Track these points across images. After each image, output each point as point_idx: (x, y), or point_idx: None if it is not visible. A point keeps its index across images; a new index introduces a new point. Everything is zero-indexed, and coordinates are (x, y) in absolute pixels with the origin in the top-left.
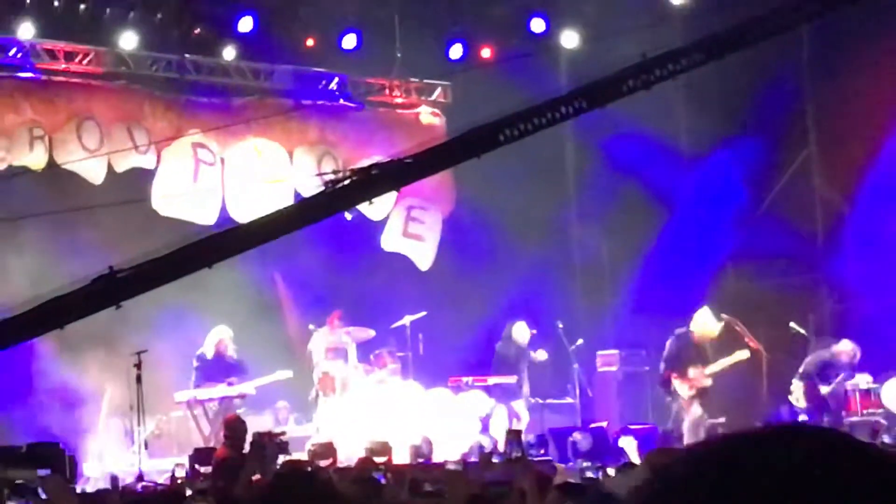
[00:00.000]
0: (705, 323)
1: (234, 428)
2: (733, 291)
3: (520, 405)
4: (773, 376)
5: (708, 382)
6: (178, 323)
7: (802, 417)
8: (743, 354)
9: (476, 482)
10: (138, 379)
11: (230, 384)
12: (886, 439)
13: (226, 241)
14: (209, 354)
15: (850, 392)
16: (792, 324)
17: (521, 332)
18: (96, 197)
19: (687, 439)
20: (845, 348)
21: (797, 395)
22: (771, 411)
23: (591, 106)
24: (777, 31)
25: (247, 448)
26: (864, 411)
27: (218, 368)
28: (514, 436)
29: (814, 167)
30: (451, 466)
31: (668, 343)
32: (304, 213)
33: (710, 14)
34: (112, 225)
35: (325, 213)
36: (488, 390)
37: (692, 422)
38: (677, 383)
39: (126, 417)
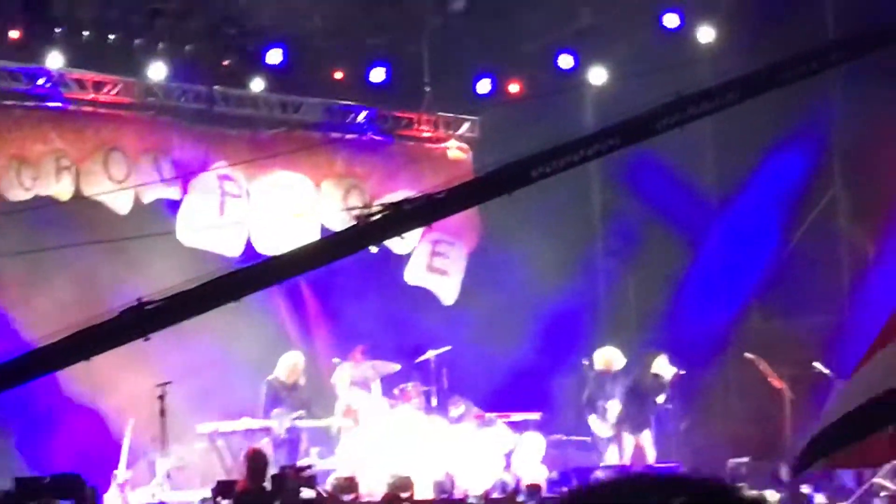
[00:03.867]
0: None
1: (256, 461)
2: (758, 330)
3: (646, 438)
4: (796, 416)
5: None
6: (203, 354)
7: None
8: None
9: None
10: (162, 411)
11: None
12: None
13: (255, 274)
14: (283, 381)
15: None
16: (816, 364)
17: (663, 366)
18: (122, 228)
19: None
20: None
21: None
22: (794, 451)
23: (624, 143)
24: (806, 74)
25: (268, 481)
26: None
27: (292, 394)
28: (533, 489)
29: (840, 208)
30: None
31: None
32: (334, 246)
33: (737, 55)
34: (138, 256)
35: (355, 248)
36: (513, 425)
37: None
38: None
39: (149, 449)
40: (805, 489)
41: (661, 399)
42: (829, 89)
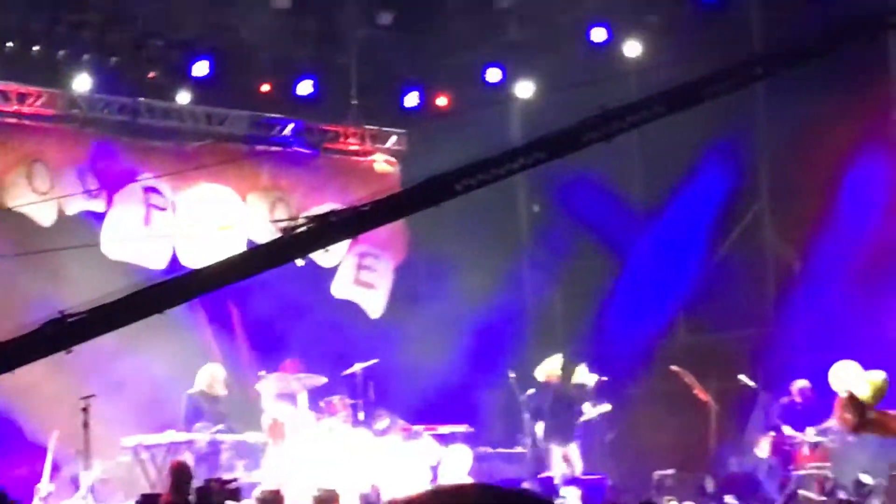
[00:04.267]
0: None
1: (180, 474)
2: (684, 343)
3: (573, 450)
4: (722, 428)
5: None
6: (128, 367)
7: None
8: (605, 407)
9: None
10: (85, 424)
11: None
12: (841, 495)
13: (180, 286)
14: (205, 393)
15: (799, 444)
16: (741, 376)
17: (584, 374)
18: (46, 240)
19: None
20: (799, 387)
21: (763, 446)
22: (719, 462)
23: (549, 157)
24: (732, 89)
25: (192, 494)
26: (812, 465)
27: (212, 407)
28: None
29: (766, 221)
30: None
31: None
32: (259, 259)
33: (663, 69)
34: (61, 269)
35: (281, 260)
36: (440, 438)
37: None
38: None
39: (73, 462)
40: (729, 500)
41: (587, 408)
42: (756, 104)
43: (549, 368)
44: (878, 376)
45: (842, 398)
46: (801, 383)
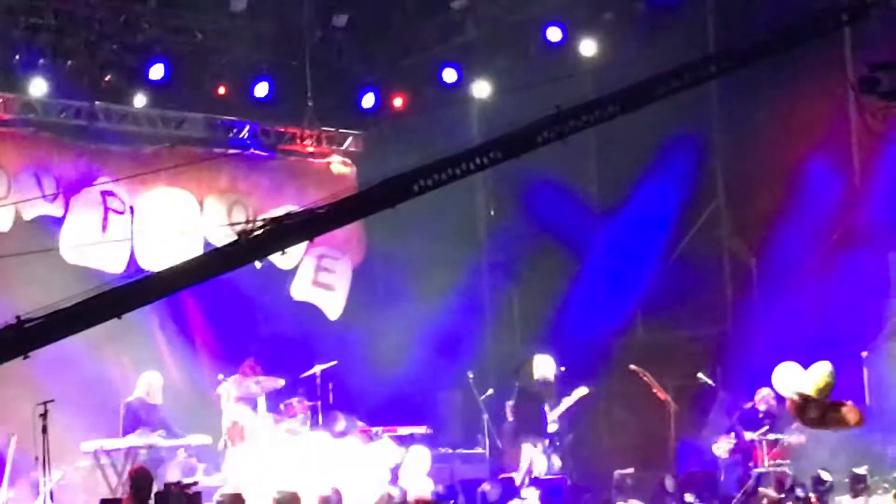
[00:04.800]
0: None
1: (140, 479)
2: (642, 342)
3: (538, 451)
4: (681, 427)
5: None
6: (87, 372)
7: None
8: (582, 391)
9: None
10: (44, 429)
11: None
12: (800, 492)
13: (138, 290)
14: (143, 400)
15: (758, 443)
16: (700, 375)
17: (546, 366)
18: (2, 245)
19: None
20: (762, 395)
21: (721, 446)
22: (678, 461)
23: (505, 157)
24: (686, 86)
25: (152, 500)
26: (771, 462)
27: (151, 415)
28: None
29: (722, 219)
30: None
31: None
32: (217, 262)
33: (619, 68)
34: (18, 274)
35: (238, 263)
36: (399, 440)
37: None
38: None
39: (32, 468)
40: (689, 499)
41: (552, 404)
42: (710, 102)
43: (544, 367)
44: (820, 372)
45: (793, 400)
46: (764, 392)
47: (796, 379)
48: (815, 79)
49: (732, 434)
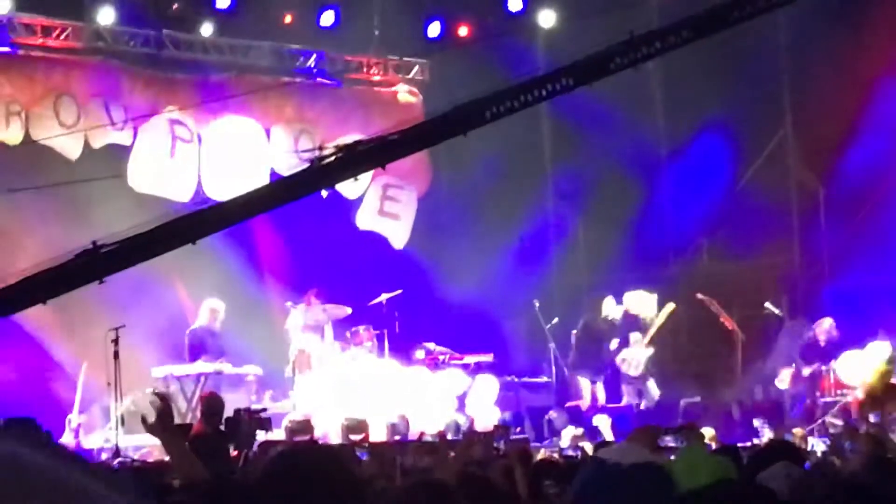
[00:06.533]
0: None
1: (211, 404)
2: (708, 272)
3: (597, 386)
4: (748, 356)
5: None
6: (156, 298)
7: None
8: (669, 307)
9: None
10: (115, 355)
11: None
12: (873, 419)
13: (209, 218)
14: (206, 328)
15: (825, 372)
16: (767, 304)
17: (612, 307)
18: (73, 173)
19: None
20: (823, 327)
21: (783, 377)
22: (745, 390)
23: (577, 83)
24: (761, 12)
25: (223, 425)
26: (838, 391)
27: (215, 342)
28: (501, 431)
29: (789, 149)
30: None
31: None
32: (288, 189)
33: None
34: (88, 201)
35: (309, 190)
36: (466, 368)
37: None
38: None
39: (103, 393)
40: (757, 423)
41: (614, 345)
42: (778, 31)
43: (612, 308)
44: (880, 359)
45: (857, 400)
46: (825, 324)
47: (860, 369)
48: (884, 8)
49: (793, 366)
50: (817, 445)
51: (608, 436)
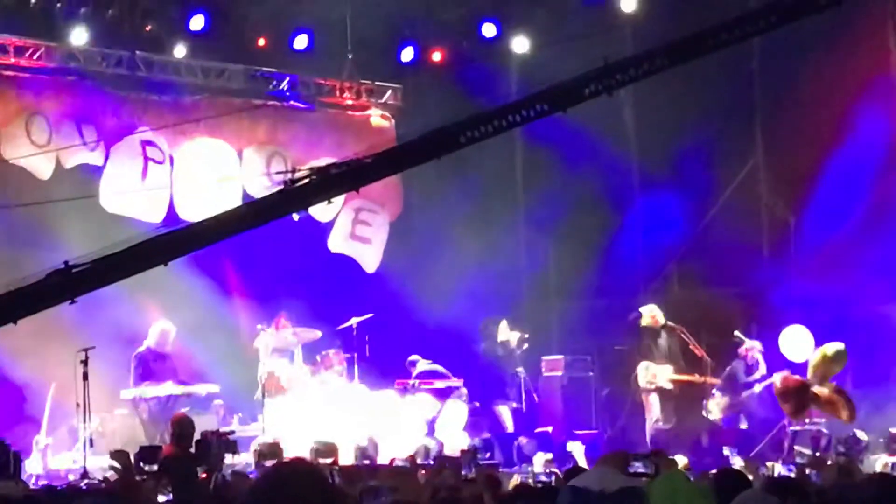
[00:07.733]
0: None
1: (183, 426)
2: (679, 299)
3: (505, 410)
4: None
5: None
6: (127, 319)
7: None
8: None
9: (427, 485)
10: (85, 376)
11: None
12: (841, 448)
13: (180, 239)
14: (154, 351)
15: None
16: (736, 332)
17: (506, 331)
18: (44, 193)
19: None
20: (749, 346)
21: (713, 408)
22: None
23: (552, 109)
24: (731, 42)
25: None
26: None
27: (161, 365)
28: (469, 456)
29: (760, 176)
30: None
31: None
32: (260, 211)
33: (658, 23)
34: (60, 221)
35: (281, 212)
36: (435, 393)
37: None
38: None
39: (72, 414)
40: (726, 451)
41: (520, 370)
42: (751, 58)
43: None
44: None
45: (778, 387)
46: (748, 343)
47: (802, 348)
48: (857, 34)
49: (719, 394)
50: (784, 474)
51: (581, 462)
